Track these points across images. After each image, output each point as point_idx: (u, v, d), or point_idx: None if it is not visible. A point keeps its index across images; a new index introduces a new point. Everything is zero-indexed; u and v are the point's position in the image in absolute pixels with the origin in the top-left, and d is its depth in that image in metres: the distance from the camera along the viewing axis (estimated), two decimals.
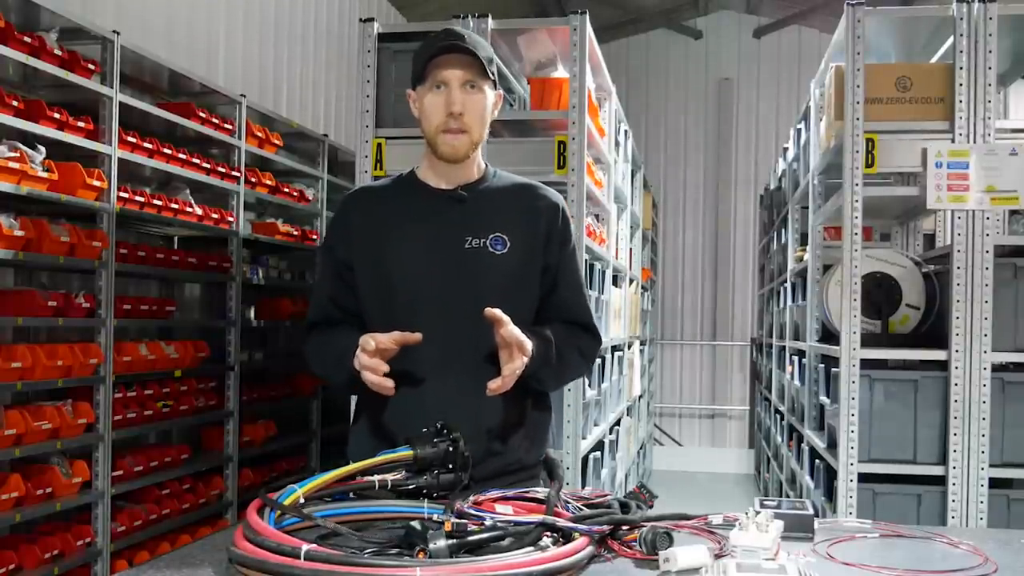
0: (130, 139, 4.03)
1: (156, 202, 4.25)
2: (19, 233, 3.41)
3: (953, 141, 3.37)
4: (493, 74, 1.84)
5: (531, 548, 1.30)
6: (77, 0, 4.10)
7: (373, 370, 1.67)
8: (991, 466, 3.32)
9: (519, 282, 1.85)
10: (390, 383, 1.68)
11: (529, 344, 1.70)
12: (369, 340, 1.66)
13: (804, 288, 4.76)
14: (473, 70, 1.80)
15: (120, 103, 3.91)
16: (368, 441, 1.83)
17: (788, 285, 5.59)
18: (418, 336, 1.69)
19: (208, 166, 4.64)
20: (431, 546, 1.25)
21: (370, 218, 1.89)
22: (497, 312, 1.66)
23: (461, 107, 1.79)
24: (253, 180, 5.14)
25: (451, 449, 1.58)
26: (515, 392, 1.80)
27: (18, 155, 3.37)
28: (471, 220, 1.85)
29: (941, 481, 3.35)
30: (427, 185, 1.90)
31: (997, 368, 3.36)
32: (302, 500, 1.46)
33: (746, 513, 1.42)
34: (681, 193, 10.19)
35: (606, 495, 1.61)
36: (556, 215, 1.91)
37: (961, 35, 3.37)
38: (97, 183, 3.75)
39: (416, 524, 1.31)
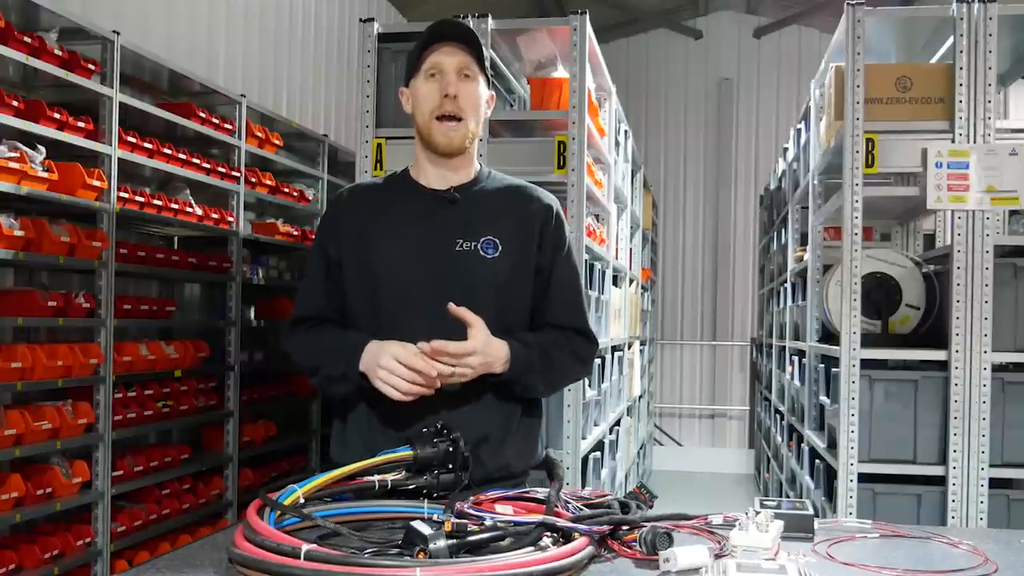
0: (130, 139, 4.03)
1: (156, 202, 4.25)
2: (19, 233, 3.41)
3: (953, 141, 3.36)
4: (487, 69, 1.84)
5: (531, 548, 1.30)
6: (77, 0, 4.10)
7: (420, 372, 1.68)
8: (991, 466, 3.32)
9: (510, 286, 1.82)
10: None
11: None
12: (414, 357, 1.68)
13: (804, 288, 4.76)
14: (468, 58, 1.80)
15: (120, 103, 3.90)
16: (353, 444, 1.82)
17: (788, 285, 5.59)
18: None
19: (208, 166, 4.64)
20: (431, 546, 1.25)
21: (360, 217, 1.87)
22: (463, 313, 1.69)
23: (456, 90, 1.78)
24: (253, 180, 5.14)
25: (451, 449, 1.58)
26: (504, 398, 1.80)
27: (18, 155, 3.37)
28: (462, 222, 1.82)
29: (941, 481, 3.35)
30: (419, 185, 1.88)
31: (997, 368, 3.36)
32: (302, 500, 1.46)
33: (746, 513, 1.42)
34: (681, 193, 10.19)
35: (606, 495, 1.61)
36: (549, 217, 1.88)
37: (961, 35, 3.37)
38: (97, 183, 3.75)
39: (416, 524, 1.31)
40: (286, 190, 5.56)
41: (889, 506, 3.37)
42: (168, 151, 4.30)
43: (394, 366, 1.67)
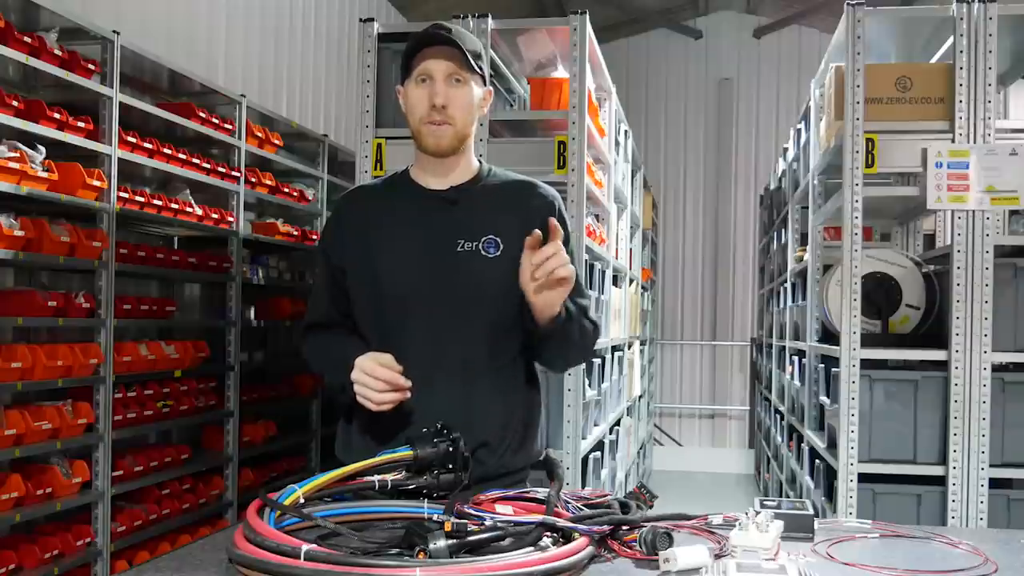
0: (130, 139, 4.03)
1: (156, 202, 4.25)
2: (19, 233, 3.41)
3: (953, 141, 3.36)
4: (480, 68, 1.82)
5: (531, 548, 1.30)
6: (77, 0, 4.10)
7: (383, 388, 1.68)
8: (991, 466, 3.32)
9: (513, 284, 1.80)
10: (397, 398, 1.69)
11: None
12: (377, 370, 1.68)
13: (804, 288, 4.76)
14: (458, 63, 1.78)
15: (120, 103, 3.90)
16: (356, 442, 1.84)
17: (788, 285, 5.59)
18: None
19: (208, 166, 4.64)
20: (431, 546, 1.25)
21: (361, 221, 1.87)
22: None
23: (444, 99, 1.77)
24: (253, 180, 5.14)
25: (451, 449, 1.58)
26: (505, 396, 1.80)
27: (18, 155, 3.37)
28: (463, 222, 1.82)
29: (941, 481, 3.35)
30: (419, 186, 1.88)
31: (997, 368, 3.36)
32: (302, 500, 1.46)
33: (746, 513, 1.42)
34: (681, 193, 10.19)
35: (606, 495, 1.61)
36: (552, 214, 1.86)
37: (961, 35, 3.37)
38: (97, 183, 3.75)
39: (416, 524, 1.31)
40: (286, 190, 5.55)
41: (889, 506, 3.37)
42: (168, 151, 4.30)
43: (362, 378, 1.69)
